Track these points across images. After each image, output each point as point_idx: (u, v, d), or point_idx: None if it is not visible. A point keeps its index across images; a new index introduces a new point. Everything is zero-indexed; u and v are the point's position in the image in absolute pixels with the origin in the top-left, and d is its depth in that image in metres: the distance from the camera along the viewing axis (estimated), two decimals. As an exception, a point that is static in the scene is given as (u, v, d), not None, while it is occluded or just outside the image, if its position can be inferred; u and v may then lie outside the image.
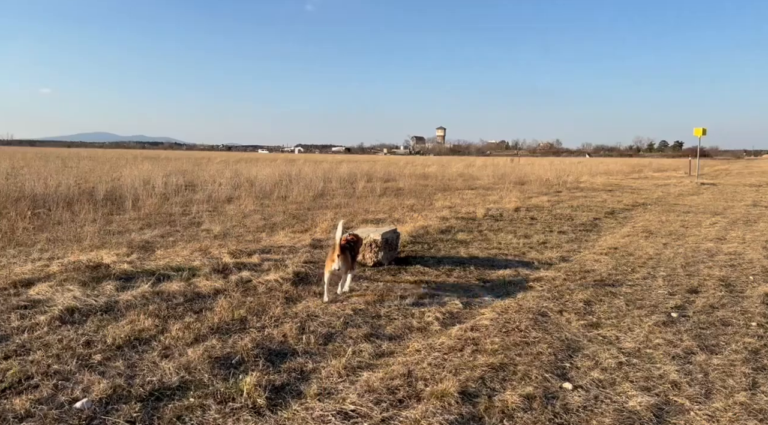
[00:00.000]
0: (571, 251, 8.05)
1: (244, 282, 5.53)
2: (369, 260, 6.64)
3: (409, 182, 20.94)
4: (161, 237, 8.09)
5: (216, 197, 14.32)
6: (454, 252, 7.74)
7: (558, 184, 21.64)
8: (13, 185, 14.82)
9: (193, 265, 6.02)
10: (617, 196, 17.19)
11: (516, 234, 9.38)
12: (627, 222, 11.42)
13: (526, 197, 15.55)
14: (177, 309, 4.63)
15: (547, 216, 11.85)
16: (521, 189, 18.78)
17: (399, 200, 14.29)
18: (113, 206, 11.93)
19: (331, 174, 23.50)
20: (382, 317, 4.81)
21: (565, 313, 4.96)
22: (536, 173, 27.73)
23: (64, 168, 23.95)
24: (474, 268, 6.78)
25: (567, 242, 8.91)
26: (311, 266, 6.39)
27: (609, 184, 22.84)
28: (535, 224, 10.75)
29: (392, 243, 6.85)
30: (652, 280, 6.26)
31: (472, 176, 26.86)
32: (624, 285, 5.97)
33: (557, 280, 6.18)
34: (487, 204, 13.48)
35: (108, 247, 6.95)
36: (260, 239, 8.11)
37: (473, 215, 11.27)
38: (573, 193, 17.85)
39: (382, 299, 5.33)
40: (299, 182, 18.52)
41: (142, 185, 15.21)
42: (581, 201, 15.01)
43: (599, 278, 6.23)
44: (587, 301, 5.31)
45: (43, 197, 12.34)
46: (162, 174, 19.57)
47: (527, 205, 13.60)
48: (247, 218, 10.47)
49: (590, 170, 34.55)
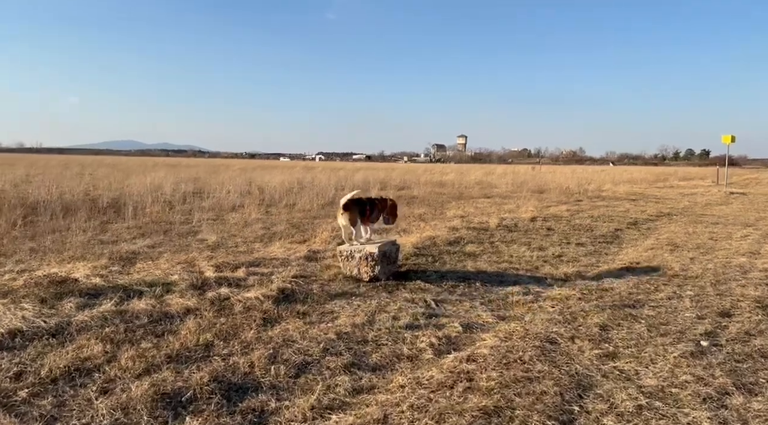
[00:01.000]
0: (588, 266, 7.42)
1: (221, 300, 5.02)
2: (365, 274, 6.10)
3: (424, 190, 20.36)
4: (150, 248, 7.64)
5: (223, 204, 13.94)
6: (461, 266, 7.16)
7: (579, 193, 20.87)
8: (19, 192, 14.62)
9: (172, 279, 5.54)
10: (641, 205, 16.40)
11: (530, 246, 8.76)
12: (651, 234, 10.71)
13: (544, 206, 14.87)
14: (136, 333, 4.13)
15: (565, 227, 11.18)
16: (540, 198, 18.08)
17: (410, 209, 13.72)
18: (115, 214, 11.57)
19: (346, 182, 23.05)
20: (369, 342, 4.26)
21: (577, 340, 4.35)
22: (557, 182, 26.92)
23: (79, 176, 23.87)
24: (480, 284, 6.19)
25: (585, 255, 8.27)
26: (300, 281, 5.87)
27: (632, 193, 21.98)
28: (552, 235, 10.10)
29: (390, 256, 6.30)
30: (677, 300, 5.61)
31: (490, 184, 26.16)
32: (646, 306, 5.33)
33: (571, 300, 5.56)
34: (502, 213, 12.85)
35: (88, 258, 6.51)
36: (254, 250, 7.62)
37: (486, 226, 10.66)
38: (594, 202, 17.10)
39: (373, 320, 4.78)
40: (311, 190, 18.09)
41: (149, 193, 14.90)
42: (602, 211, 14.28)
43: (618, 298, 5.60)
44: (603, 326, 4.69)
45: (46, 205, 12.04)
46: (173, 182, 19.32)
47: (545, 214, 12.93)
48: (247, 227, 10.00)
49: (613, 178, 33.55)
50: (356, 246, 6.19)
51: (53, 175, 22.78)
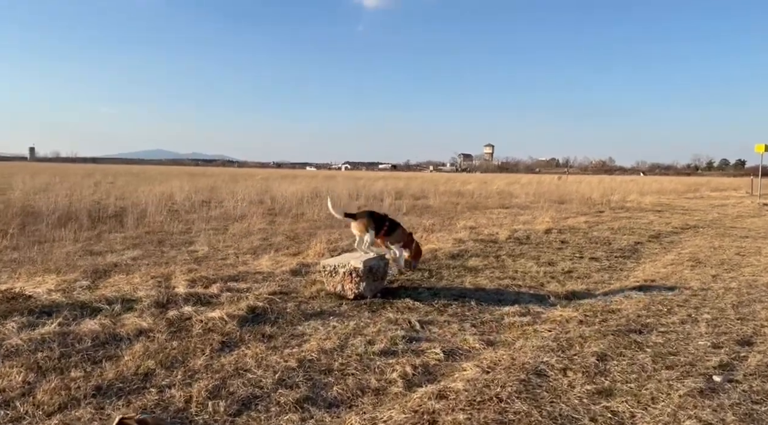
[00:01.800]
0: (599, 284, 6.85)
1: (181, 320, 4.62)
2: (349, 292, 5.65)
3: (440, 200, 19.84)
4: (134, 259, 7.32)
5: (230, 214, 13.67)
6: (459, 282, 6.66)
7: (601, 203, 20.10)
8: (28, 200, 14.58)
9: (138, 295, 5.17)
10: (666, 217, 15.62)
11: (539, 261, 8.20)
12: (673, 248, 10.04)
13: (561, 218, 14.23)
14: (71, 359, 3.73)
15: (580, 239, 10.57)
16: (559, 209, 17.40)
17: (420, 219, 13.24)
18: (117, 223, 11.35)
19: (363, 191, 22.69)
20: (333, 371, 3.80)
21: (569, 372, 3.83)
22: (581, 192, 26.13)
23: (97, 184, 23.98)
24: (475, 303, 5.69)
25: (597, 271, 7.68)
26: (277, 298, 5.45)
27: (659, 204, 21.10)
28: (565, 248, 9.52)
29: (378, 272, 5.84)
30: (692, 325, 5.02)
31: (511, 193, 25.49)
32: (654, 332, 4.77)
33: (571, 323, 5.02)
34: (515, 225, 12.27)
35: (63, 271, 6.20)
36: (242, 263, 7.24)
37: (495, 238, 10.12)
38: (616, 213, 16.36)
39: (345, 344, 4.33)
40: (323, 200, 17.75)
41: (158, 203, 14.73)
42: (624, 223, 13.58)
43: (624, 322, 5.03)
44: (602, 355, 4.15)
45: (49, 213, 11.89)
46: (188, 190, 19.19)
47: (561, 226, 12.32)
48: (246, 238, 9.65)
49: (641, 188, 32.49)
50: (342, 260, 5.76)
51: (71, 183, 22.90)
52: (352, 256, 5.95)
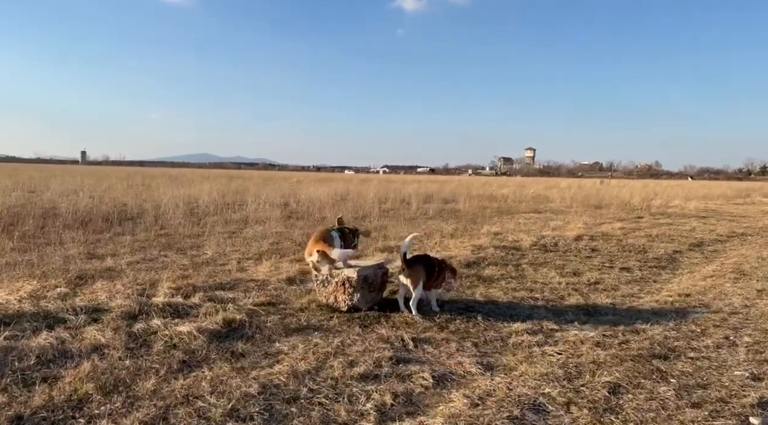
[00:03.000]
0: (626, 297, 6.18)
1: (147, 334, 4.21)
2: (342, 303, 5.17)
3: (471, 204, 19.14)
4: (130, 264, 7.00)
5: (252, 217, 13.39)
6: (469, 293, 6.10)
7: (641, 208, 19.07)
8: (49, 202, 14.62)
9: (111, 305, 4.80)
10: (710, 224, 14.60)
11: (563, 271, 7.55)
12: (716, 258, 9.21)
13: (595, 224, 13.43)
14: (1, 381, 3.35)
15: (613, 247, 9.83)
16: (594, 214, 16.53)
17: (445, 224, 12.66)
18: (134, 225, 11.15)
19: (393, 194, 22.19)
20: (299, 400, 3.32)
21: (573, 408, 3.25)
22: (621, 196, 25.00)
23: (131, 187, 24.19)
24: (482, 318, 5.13)
25: (627, 283, 7.00)
26: (262, 309, 5.02)
27: (704, 209, 19.92)
28: (594, 257, 8.82)
29: (374, 283, 5.33)
30: (729, 350, 4.35)
31: (546, 198, 24.59)
32: (682, 358, 4.12)
33: (586, 344, 4.41)
34: (544, 230, 11.58)
35: (49, 277, 5.91)
36: (241, 269, 6.85)
37: (518, 244, 9.48)
38: (656, 219, 15.42)
39: (323, 366, 3.85)
40: (349, 203, 17.37)
41: (181, 205, 14.60)
42: (663, 230, 12.70)
43: (647, 345, 4.39)
44: (615, 386, 3.55)
45: (69, 214, 11.82)
46: (214, 193, 19.08)
47: (593, 233, 11.55)
48: (257, 242, 9.28)
49: (687, 193, 30.97)
50: (334, 270, 5.29)
51: (106, 186, 23.15)
52: (363, 262, 5.46)
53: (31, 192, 18.95)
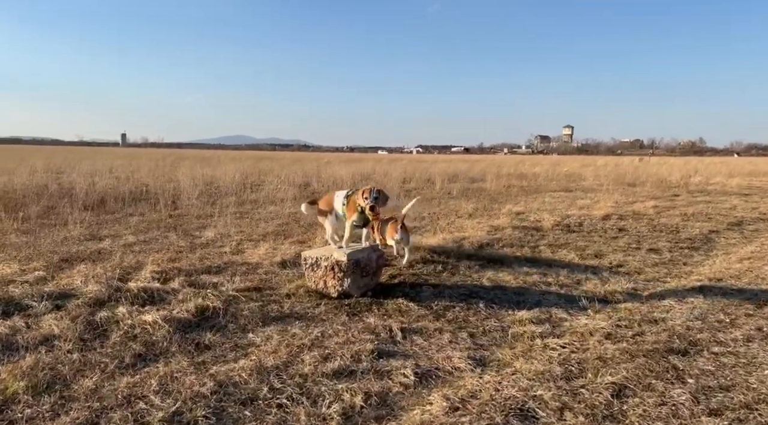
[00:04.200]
0: (650, 282, 5.63)
1: (109, 323, 3.90)
2: (332, 289, 4.79)
3: (499, 183, 18.50)
4: (124, 246, 6.75)
5: (271, 197, 13.12)
6: (476, 277, 5.65)
7: (678, 186, 18.12)
8: (65, 182, 14.62)
9: (83, 290, 4.52)
10: (753, 202, 13.68)
11: (583, 252, 7.01)
12: (756, 238, 8.49)
13: (627, 202, 12.70)
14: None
15: (643, 227, 9.18)
16: (627, 192, 15.73)
17: (466, 203, 12.14)
18: (149, 206, 10.99)
19: (418, 174, 21.69)
20: (257, 400, 2.96)
21: (566, 414, 2.80)
22: (659, 174, 23.93)
23: (158, 167, 24.25)
24: (484, 306, 4.68)
25: (653, 265, 6.43)
26: (243, 295, 4.67)
27: (747, 186, 18.81)
28: (621, 237, 8.21)
29: (367, 267, 4.92)
30: (761, 344, 3.81)
31: (580, 176, 23.69)
32: (705, 353, 3.61)
33: (595, 336, 3.93)
34: (570, 210, 10.97)
35: (34, 259, 5.71)
36: (238, 251, 6.54)
37: (539, 224, 8.93)
38: (694, 197, 14.56)
39: (293, 360, 3.48)
40: (373, 182, 16.94)
41: (200, 185, 14.46)
42: (700, 208, 11.91)
43: (666, 337, 3.88)
44: (620, 388, 3.07)
45: (85, 195, 11.75)
46: (239, 173, 18.90)
47: (623, 212, 10.87)
48: (266, 223, 8.98)
49: (730, 170, 29.48)
50: (325, 252, 4.91)
51: (134, 167, 23.26)
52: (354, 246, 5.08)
53: (59, 173, 19.12)
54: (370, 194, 4.88)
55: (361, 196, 4.93)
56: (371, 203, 4.85)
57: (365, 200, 4.88)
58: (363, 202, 4.89)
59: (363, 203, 4.90)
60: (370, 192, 4.90)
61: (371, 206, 4.85)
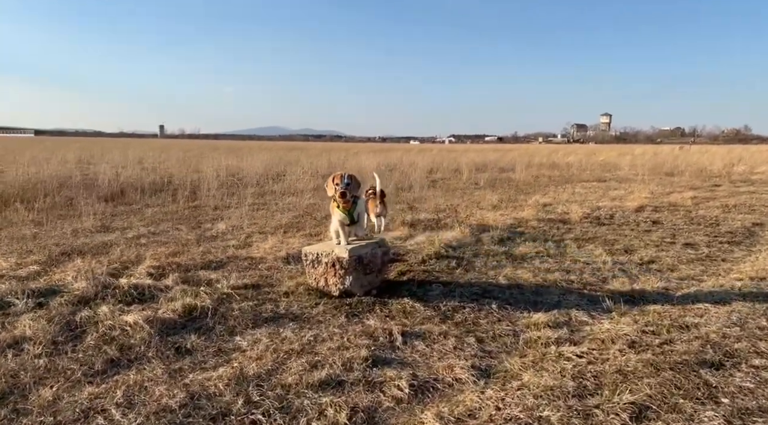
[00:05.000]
0: (684, 280, 5.15)
1: (87, 324, 3.66)
2: (333, 288, 4.47)
3: (528, 173, 17.92)
4: (131, 239, 6.57)
5: (292, 188, 12.91)
6: (492, 274, 5.26)
7: (720, 175, 17.24)
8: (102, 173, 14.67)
9: (72, 287, 4.32)
10: (802, 192, 12.85)
11: (612, 247, 6.53)
12: (805, 231, 7.85)
13: (664, 193, 12.05)
14: None
15: (679, 220, 8.61)
16: (664, 182, 15.00)
17: (491, 194, 11.67)
18: (169, 196, 10.87)
19: (446, 164, 21.24)
20: (228, 416, 2.65)
21: (575, 441, 2.43)
22: (699, 162, 22.92)
23: (188, 159, 24.33)
24: (497, 307, 4.31)
25: (689, 262, 5.93)
26: (240, 293, 4.40)
27: (796, 176, 17.80)
28: (655, 231, 7.68)
29: (371, 264, 4.58)
30: (809, 357, 3.34)
31: (615, 165, 22.87)
32: (742, 368, 3.16)
33: (617, 343, 3.52)
34: (601, 201, 10.43)
35: (30, 252, 5.55)
36: (245, 245, 6.29)
37: (567, 217, 8.45)
38: (736, 187, 13.77)
39: (277, 368, 3.17)
40: (398, 172, 16.59)
41: (223, 176, 14.35)
42: (743, 199, 11.20)
43: (698, 347, 3.44)
44: (640, 410, 2.67)
45: (107, 185, 11.73)
46: (259, 165, 18.76)
47: (658, 203, 10.28)
48: (280, 214, 8.73)
49: (778, 158, 28.13)
50: (326, 247, 4.59)
51: (164, 158, 23.38)
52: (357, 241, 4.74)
53: (88, 164, 19.29)
54: (341, 180, 4.45)
55: (332, 182, 4.50)
56: (342, 188, 4.42)
57: (336, 186, 4.45)
58: (332, 190, 4.47)
59: (331, 192, 4.47)
60: (341, 178, 4.46)
61: (342, 193, 4.42)
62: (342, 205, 4.46)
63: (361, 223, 4.76)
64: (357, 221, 4.66)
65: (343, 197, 4.41)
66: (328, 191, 4.55)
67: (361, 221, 4.73)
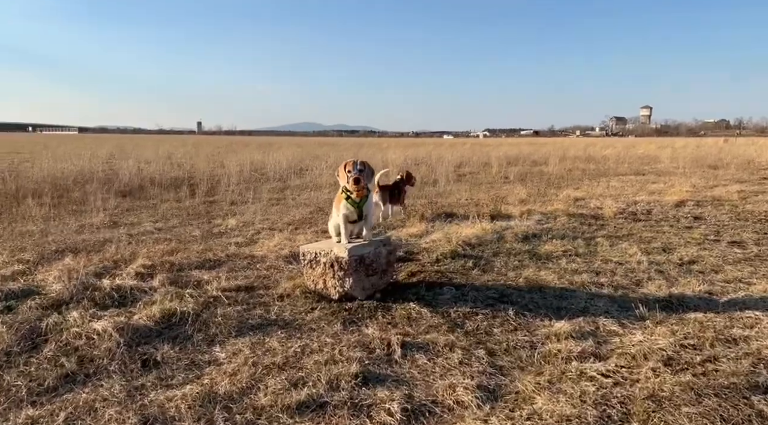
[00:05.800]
0: (729, 283, 4.57)
1: (52, 332, 3.31)
2: (333, 290, 4.06)
3: (563, 166, 17.19)
4: (134, 235, 6.31)
5: (314, 182, 12.60)
6: (512, 276, 4.77)
7: (769, 168, 16.23)
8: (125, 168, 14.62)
9: (51, 289, 4.01)
10: None
11: (648, 246, 5.94)
12: None
13: (707, 186, 11.28)
14: None
15: (724, 215, 7.92)
16: (707, 175, 14.12)
17: (521, 188, 11.08)
18: (188, 192, 10.65)
19: (476, 158, 20.65)
20: (187, 440, 2.28)
21: (593, 490, 1.95)
22: (746, 155, 21.74)
23: (218, 154, 24.33)
24: (514, 312, 3.83)
25: (735, 262, 5.31)
26: (230, 296, 4.03)
27: None
28: (697, 228, 7.03)
29: (374, 264, 4.14)
30: None
31: (655, 158, 21.88)
32: (805, 395, 2.63)
33: (650, 361, 3.00)
34: (638, 195, 9.76)
35: (23, 250, 5.31)
36: (251, 242, 5.94)
37: (599, 212, 7.86)
38: (787, 180, 12.86)
39: (251, 386, 2.77)
40: (425, 166, 16.12)
41: (246, 171, 14.13)
42: (795, 192, 10.37)
43: (748, 366, 2.90)
44: (677, 449, 2.18)
45: (128, 180, 11.61)
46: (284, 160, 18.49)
47: (700, 197, 9.56)
48: (295, 210, 8.39)
49: (832, 149, 26.54)
50: (325, 246, 4.18)
51: (192, 154, 23.39)
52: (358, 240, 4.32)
53: (117, 159, 19.38)
54: (353, 167, 4.04)
55: (343, 170, 4.09)
56: (356, 174, 4.00)
57: (348, 173, 4.03)
58: (344, 178, 4.06)
59: (344, 180, 4.06)
60: (353, 165, 4.06)
61: (356, 179, 4.00)
62: (356, 193, 4.07)
63: (369, 222, 4.31)
64: (365, 218, 4.23)
65: (357, 182, 4.04)
66: (339, 180, 4.16)
67: (369, 220, 4.29)
